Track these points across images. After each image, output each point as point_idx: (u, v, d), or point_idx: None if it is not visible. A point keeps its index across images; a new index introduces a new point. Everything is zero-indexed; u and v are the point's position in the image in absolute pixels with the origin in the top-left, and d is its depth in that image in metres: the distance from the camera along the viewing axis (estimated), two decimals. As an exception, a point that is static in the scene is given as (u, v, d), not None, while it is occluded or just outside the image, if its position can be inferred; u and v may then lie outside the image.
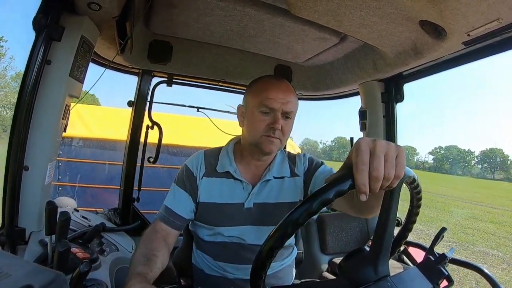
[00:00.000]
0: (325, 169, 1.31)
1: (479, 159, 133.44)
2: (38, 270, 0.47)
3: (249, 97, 1.25)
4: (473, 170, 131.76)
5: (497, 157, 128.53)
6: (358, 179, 0.61)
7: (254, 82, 1.27)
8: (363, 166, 0.62)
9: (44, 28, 1.04)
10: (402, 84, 2.00)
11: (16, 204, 1.10)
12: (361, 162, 0.62)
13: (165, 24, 1.72)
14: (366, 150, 0.63)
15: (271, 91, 1.17)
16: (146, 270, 0.96)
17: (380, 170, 0.62)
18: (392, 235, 0.74)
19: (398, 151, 0.65)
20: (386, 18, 1.29)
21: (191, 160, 1.32)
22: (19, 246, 1.09)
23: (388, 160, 0.63)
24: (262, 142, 1.18)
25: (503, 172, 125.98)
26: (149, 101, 2.07)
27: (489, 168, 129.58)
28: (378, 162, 0.62)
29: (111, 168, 4.88)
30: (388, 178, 0.63)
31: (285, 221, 0.63)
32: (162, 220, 1.23)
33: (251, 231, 1.25)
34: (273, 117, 1.17)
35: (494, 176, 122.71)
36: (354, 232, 2.29)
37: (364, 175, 0.61)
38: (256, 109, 1.19)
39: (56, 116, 1.17)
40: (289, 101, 1.18)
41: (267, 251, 0.65)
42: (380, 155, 0.62)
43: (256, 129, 1.19)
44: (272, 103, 1.16)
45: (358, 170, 0.62)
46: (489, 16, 1.11)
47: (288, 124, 1.21)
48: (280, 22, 1.56)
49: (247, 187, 1.27)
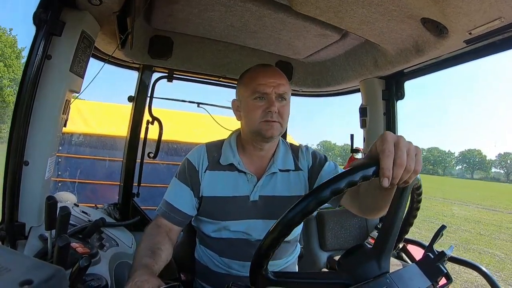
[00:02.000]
0: (330, 167, 1.31)
1: (458, 159, 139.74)
2: (38, 265, 0.47)
3: (241, 88, 1.26)
4: (453, 171, 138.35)
5: (476, 157, 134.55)
6: (383, 163, 0.67)
7: (243, 74, 1.29)
8: (389, 153, 0.67)
9: (44, 23, 1.04)
10: (403, 81, 2.00)
11: (16, 199, 1.09)
12: (388, 149, 0.67)
13: (165, 19, 1.71)
14: (391, 141, 0.69)
15: (260, 77, 1.19)
16: (151, 262, 0.97)
17: (404, 159, 0.67)
18: (397, 232, 0.75)
19: (417, 150, 0.72)
20: (387, 15, 1.29)
21: (192, 153, 1.31)
22: (19, 241, 1.09)
23: (410, 154, 0.69)
24: (261, 127, 1.18)
25: (482, 171, 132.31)
26: (149, 96, 2.07)
27: (468, 168, 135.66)
28: (402, 153, 0.68)
29: (111, 164, 4.89)
30: (409, 169, 0.68)
31: (295, 207, 0.64)
32: (163, 216, 1.23)
33: (258, 225, 1.24)
34: (268, 101, 1.18)
35: (473, 175, 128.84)
36: (353, 229, 2.29)
37: (389, 160, 0.67)
38: (250, 97, 1.20)
39: (56, 111, 1.16)
40: (280, 84, 1.19)
41: (271, 240, 0.66)
42: (403, 149, 0.68)
43: (254, 117, 1.19)
44: (264, 88, 1.17)
45: (385, 155, 0.67)
46: (491, 15, 1.11)
47: (284, 107, 1.21)
48: (281, 18, 1.56)
49: (252, 179, 1.26)
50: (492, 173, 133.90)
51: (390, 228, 0.74)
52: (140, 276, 0.85)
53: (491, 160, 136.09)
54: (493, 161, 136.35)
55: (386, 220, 0.75)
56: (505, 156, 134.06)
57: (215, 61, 2.05)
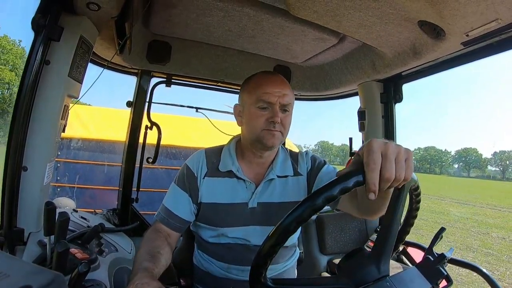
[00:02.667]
0: (328, 169, 1.31)
1: (455, 158, 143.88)
2: (37, 270, 0.47)
3: (245, 94, 1.25)
4: (450, 169, 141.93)
5: (472, 156, 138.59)
6: (369, 178, 0.63)
7: (249, 79, 1.28)
8: (374, 166, 0.63)
9: (43, 28, 1.04)
10: (401, 84, 2.00)
11: (15, 205, 1.09)
12: (373, 162, 0.63)
13: (164, 24, 1.71)
14: (378, 151, 0.64)
15: (267, 85, 1.18)
16: (151, 265, 0.96)
17: (392, 172, 0.64)
18: (396, 235, 0.74)
19: (407, 154, 0.67)
20: (385, 19, 1.30)
21: (191, 159, 1.31)
22: (17, 246, 1.09)
23: (399, 162, 0.65)
24: (263, 136, 1.18)
25: (478, 170, 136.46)
26: (148, 101, 2.07)
27: (464, 166, 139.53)
28: (390, 165, 0.64)
29: (110, 169, 4.88)
30: (398, 179, 0.65)
31: (289, 216, 0.63)
32: (162, 221, 1.23)
33: (256, 232, 1.24)
34: (272, 111, 1.17)
35: (469, 174, 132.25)
36: (353, 232, 2.29)
37: (375, 175, 0.63)
38: (254, 105, 1.19)
39: (55, 117, 1.16)
40: (286, 94, 1.19)
41: (269, 248, 0.65)
42: (391, 158, 0.64)
43: (256, 125, 1.19)
44: (269, 97, 1.17)
45: (370, 169, 0.63)
46: (488, 17, 1.11)
47: (286, 117, 1.21)
48: (279, 23, 1.56)
49: (250, 186, 1.26)
50: (488, 171, 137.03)
51: (388, 231, 0.73)
52: (140, 279, 0.85)
53: (486, 159, 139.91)
54: (489, 160, 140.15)
55: (384, 223, 0.75)
56: (501, 154, 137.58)
57: (213, 65, 2.05)
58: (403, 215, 0.76)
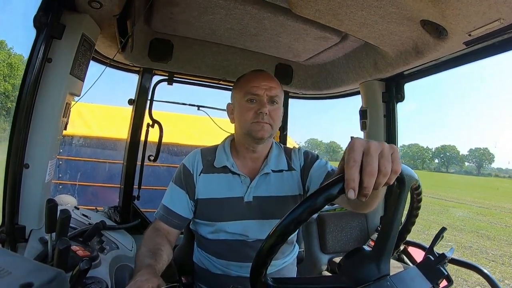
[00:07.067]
0: (320, 164, 1.32)
1: (435, 155, 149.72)
2: (38, 267, 0.47)
3: (235, 92, 1.30)
4: (431, 165, 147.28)
5: (451, 152, 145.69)
6: (347, 174, 0.61)
7: (238, 79, 1.34)
8: (353, 163, 0.61)
9: (44, 26, 1.04)
10: (403, 83, 2.00)
11: (17, 202, 1.10)
12: (353, 159, 0.62)
13: (166, 22, 1.71)
14: (358, 150, 0.63)
15: (253, 80, 1.24)
16: (153, 262, 0.98)
17: (374, 166, 0.61)
18: (396, 234, 0.74)
19: (392, 149, 0.65)
20: (387, 18, 1.29)
21: (188, 158, 1.34)
22: (19, 244, 1.09)
23: (384, 156, 0.63)
24: (252, 128, 1.21)
25: (456, 166, 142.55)
26: (149, 99, 2.07)
27: (443, 163, 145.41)
28: (371, 159, 0.62)
29: (111, 167, 4.89)
30: (385, 173, 0.62)
31: (275, 230, 0.65)
32: (161, 219, 1.26)
33: (253, 226, 1.25)
34: (259, 103, 1.21)
35: (448, 169, 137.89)
36: (354, 231, 2.29)
37: (353, 171, 0.61)
38: (243, 99, 1.24)
39: (56, 114, 1.16)
40: (272, 87, 1.23)
41: (267, 249, 0.66)
42: (373, 154, 0.62)
43: (245, 118, 1.23)
44: (256, 90, 1.21)
45: (349, 166, 0.61)
46: (491, 16, 1.11)
47: (275, 110, 1.24)
48: (281, 21, 1.56)
49: (245, 180, 1.28)
50: (465, 166, 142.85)
51: (389, 230, 0.73)
52: (141, 275, 0.86)
53: (463, 155, 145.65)
54: (465, 156, 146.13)
55: (384, 223, 0.75)
56: (476, 151, 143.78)
57: (215, 64, 2.05)
58: (403, 214, 0.75)
